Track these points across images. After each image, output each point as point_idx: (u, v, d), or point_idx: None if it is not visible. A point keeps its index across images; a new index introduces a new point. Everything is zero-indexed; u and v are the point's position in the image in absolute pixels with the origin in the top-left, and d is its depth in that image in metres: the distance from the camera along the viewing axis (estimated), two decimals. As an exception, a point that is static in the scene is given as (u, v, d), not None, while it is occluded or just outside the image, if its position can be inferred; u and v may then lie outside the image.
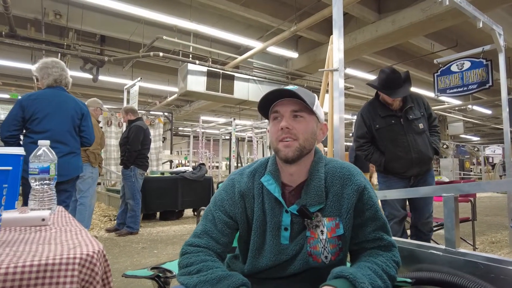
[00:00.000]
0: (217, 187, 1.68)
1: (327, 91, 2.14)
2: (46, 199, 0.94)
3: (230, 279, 0.86)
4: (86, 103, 4.05)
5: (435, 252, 1.31)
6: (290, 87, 0.99)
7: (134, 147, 4.32)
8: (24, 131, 2.46)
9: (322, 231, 0.96)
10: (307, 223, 0.97)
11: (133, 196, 4.37)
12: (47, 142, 0.98)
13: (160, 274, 1.06)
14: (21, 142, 2.49)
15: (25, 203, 1.23)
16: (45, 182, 0.94)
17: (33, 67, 2.65)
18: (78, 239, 0.60)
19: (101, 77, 8.73)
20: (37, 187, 0.93)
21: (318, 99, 1.08)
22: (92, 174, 4.00)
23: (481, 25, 3.12)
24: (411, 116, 2.45)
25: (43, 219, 0.77)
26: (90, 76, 8.38)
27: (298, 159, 0.96)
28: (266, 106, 1.02)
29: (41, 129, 2.42)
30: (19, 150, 1.07)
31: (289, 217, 0.99)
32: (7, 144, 2.37)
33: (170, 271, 1.13)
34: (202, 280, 0.86)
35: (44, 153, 0.95)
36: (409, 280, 1.07)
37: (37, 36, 6.95)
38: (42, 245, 0.55)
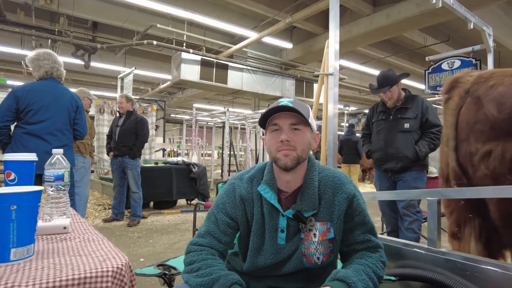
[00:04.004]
0: (217, 187, 1.76)
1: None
2: (61, 204, 1.01)
3: (223, 279, 0.93)
4: None
5: (418, 250, 1.43)
6: (286, 100, 1.06)
7: (146, 139, 4.53)
8: (16, 122, 2.46)
9: (314, 234, 1.06)
10: (301, 227, 1.06)
11: (138, 185, 4.50)
12: (61, 150, 1.03)
13: (166, 272, 1.15)
14: (11, 133, 2.49)
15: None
16: (60, 188, 1.00)
17: (27, 58, 2.61)
18: (104, 251, 0.68)
19: (93, 64, 8.62)
20: (53, 193, 0.99)
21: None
22: (84, 164, 4.02)
23: (472, 26, 3.21)
24: (399, 115, 2.67)
25: (65, 227, 0.84)
26: (82, 63, 8.27)
27: (295, 167, 1.04)
28: (264, 117, 1.09)
29: (36, 120, 2.43)
30: (32, 156, 1.12)
31: (285, 220, 1.08)
32: None
33: (174, 268, 1.21)
34: (198, 283, 0.94)
35: (59, 161, 1.01)
36: (393, 278, 1.18)
37: (27, 21, 6.80)
38: (75, 257, 0.63)
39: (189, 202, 6.11)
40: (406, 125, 2.62)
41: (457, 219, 1.54)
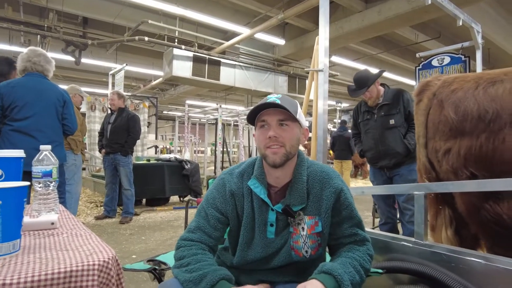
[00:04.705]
0: (207, 184, 1.77)
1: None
2: (49, 200, 1.00)
3: (211, 275, 0.93)
4: None
5: (406, 243, 1.46)
6: (273, 96, 1.07)
7: (137, 136, 4.53)
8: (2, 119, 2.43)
9: (303, 228, 1.07)
10: (290, 221, 1.08)
11: (130, 182, 4.49)
12: (49, 146, 1.03)
13: (156, 267, 1.15)
14: None
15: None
16: (48, 185, 1.00)
17: None
18: (91, 245, 0.68)
19: (83, 60, 8.51)
20: (41, 189, 0.99)
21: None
22: (75, 161, 3.98)
23: (460, 23, 3.24)
24: (382, 113, 2.70)
25: (52, 223, 0.84)
26: (72, 59, 8.15)
27: (284, 163, 1.05)
28: (252, 114, 1.10)
29: (22, 116, 2.40)
30: (20, 153, 1.11)
31: (274, 214, 1.09)
32: None
33: (164, 263, 1.22)
34: (187, 279, 0.94)
35: (47, 157, 1.01)
36: (380, 271, 1.20)
37: (15, 16, 6.68)
38: (61, 252, 0.63)
39: (181, 199, 6.11)
40: (392, 121, 2.65)
41: (431, 212, 1.64)
